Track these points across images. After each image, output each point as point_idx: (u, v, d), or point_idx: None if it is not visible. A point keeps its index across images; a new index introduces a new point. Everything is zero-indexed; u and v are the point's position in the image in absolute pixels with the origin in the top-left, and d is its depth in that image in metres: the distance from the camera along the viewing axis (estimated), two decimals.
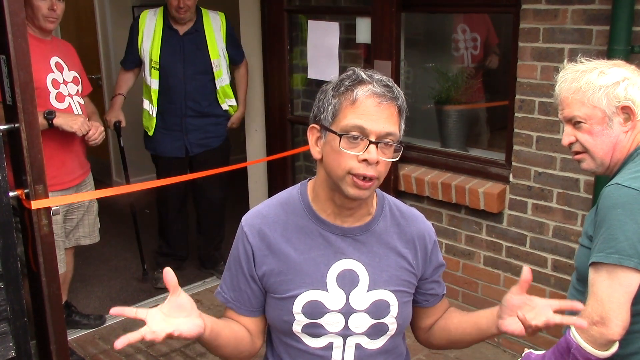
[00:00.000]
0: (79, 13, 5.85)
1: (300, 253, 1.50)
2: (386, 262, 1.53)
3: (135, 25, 3.67)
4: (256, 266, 1.51)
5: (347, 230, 1.51)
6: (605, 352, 1.52)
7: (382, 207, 1.56)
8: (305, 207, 1.53)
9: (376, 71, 1.45)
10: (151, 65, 3.61)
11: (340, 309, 1.49)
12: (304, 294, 1.48)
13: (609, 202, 1.54)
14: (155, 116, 3.68)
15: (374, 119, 1.38)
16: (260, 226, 1.52)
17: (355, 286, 1.50)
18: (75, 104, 3.07)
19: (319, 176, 1.51)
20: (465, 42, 3.85)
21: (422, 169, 3.45)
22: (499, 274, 3.26)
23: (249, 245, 1.50)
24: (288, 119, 4.01)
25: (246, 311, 1.54)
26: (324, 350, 1.52)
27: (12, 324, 2.07)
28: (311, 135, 1.49)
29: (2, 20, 2.13)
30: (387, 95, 1.39)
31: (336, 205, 1.49)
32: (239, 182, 4.81)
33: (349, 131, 1.38)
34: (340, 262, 1.50)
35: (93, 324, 3.52)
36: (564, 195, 2.93)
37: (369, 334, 1.53)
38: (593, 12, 2.69)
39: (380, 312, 1.51)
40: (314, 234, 1.51)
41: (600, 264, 1.52)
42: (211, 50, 3.68)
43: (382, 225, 1.55)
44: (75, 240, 3.30)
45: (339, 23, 3.64)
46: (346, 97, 1.41)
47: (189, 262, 4.22)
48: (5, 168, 2.00)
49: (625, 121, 1.64)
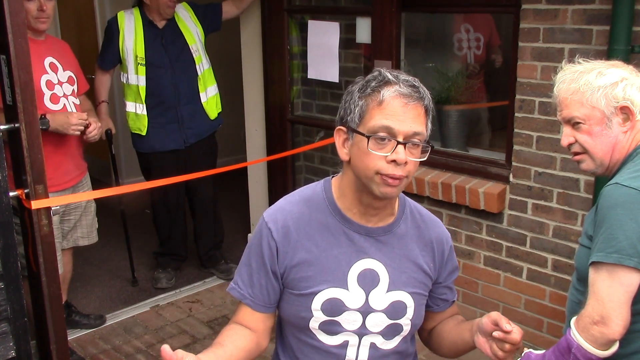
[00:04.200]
0: (79, 13, 5.85)
1: (322, 250, 1.50)
2: (406, 263, 1.54)
3: (114, 25, 3.66)
4: (279, 262, 1.51)
5: (371, 230, 1.52)
6: (605, 351, 1.52)
7: (403, 210, 1.58)
8: (329, 204, 1.53)
9: (402, 71, 1.46)
10: (137, 62, 3.61)
11: (359, 307, 1.50)
12: (324, 292, 1.49)
13: (609, 201, 1.54)
14: (146, 114, 3.67)
15: (401, 120, 1.38)
16: (285, 222, 1.51)
17: (375, 286, 1.51)
18: (70, 104, 3.06)
19: (346, 176, 1.51)
20: (469, 41, 3.85)
21: (422, 168, 3.45)
22: (499, 274, 3.26)
23: (274, 241, 1.50)
24: (288, 119, 4.01)
25: (263, 307, 1.54)
26: (338, 348, 1.53)
27: (12, 324, 2.07)
28: (338, 137, 1.49)
29: (2, 20, 2.13)
30: (413, 96, 1.40)
31: (363, 205, 1.50)
32: (239, 182, 4.82)
33: (377, 132, 1.39)
34: (362, 261, 1.51)
35: (93, 324, 3.52)
36: (564, 195, 2.93)
37: (384, 334, 1.54)
38: (593, 12, 2.69)
39: (398, 313, 1.53)
40: (338, 232, 1.51)
41: (601, 263, 1.52)
42: (187, 36, 3.71)
43: (404, 227, 1.56)
44: (74, 241, 3.30)
45: (339, 23, 3.64)
46: (373, 98, 1.41)
47: (189, 262, 4.22)
48: (5, 168, 2.00)
49: (624, 121, 1.64)
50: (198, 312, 3.71)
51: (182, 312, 3.72)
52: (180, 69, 3.68)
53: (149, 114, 3.67)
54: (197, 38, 3.75)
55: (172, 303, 3.83)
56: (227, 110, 5.45)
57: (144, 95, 3.64)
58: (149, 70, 3.62)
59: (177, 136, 3.73)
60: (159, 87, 3.65)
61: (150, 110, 3.67)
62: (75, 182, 3.14)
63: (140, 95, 3.64)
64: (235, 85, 4.59)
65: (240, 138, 4.45)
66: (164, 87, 3.65)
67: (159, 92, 3.65)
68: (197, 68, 3.73)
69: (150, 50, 3.63)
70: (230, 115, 5.43)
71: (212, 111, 3.83)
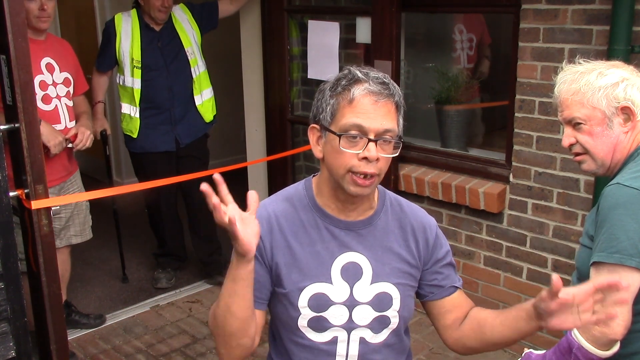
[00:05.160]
0: (79, 13, 5.85)
1: (305, 246, 1.52)
2: (388, 255, 1.55)
3: (111, 27, 3.66)
4: (267, 256, 1.52)
5: (351, 224, 1.54)
6: (606, 351, 1.52)
7: (383, 202, 1.59)
8: (310, 201, 1.56)
9: (372, 68, 1.47)
10: (133, 65, 3.61)
11: (345, 301, 1.51)
12: (309, 287, 1.50)
13: (610, 201, 1.54)
14: (139, 116, 3.67)
15: (371, 117, 1.40)
16: (269, 219, 1.53)
17: (359, 279, 1.52)
18: (62, 106, 3.06)
19: (322, 174, 1.55)
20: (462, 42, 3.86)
21: (422, 169, 3.45)
22: (499, 274, 3.26)
23: (260, 238, 1.50)
24: (288, 119, 4.01)
25: (258, 304, 1.53)
26: (328, 344, 1.54)
27: (12, 324, 2.07)
28: (312, 135, 1.52)
29: (2, 20, 2.13)
30: (383, 93, 1.41)
31: (340, 201, 1.52)
32: (239, 182, 4.81)
33: (348, 130, 1.41)
34: (345, 255, 1.52)
35: (93, 324, 3.52)
36: (564, 195, 2.93)
37: (372, 327, 1.54)
38: (593, 12, 2.69)
39: (384, 305, 1.53)
40: (319, 228, 1.53)
41: (602, 263, 1.52)
42: (183, 39, 3.71)
43: (384, 219, 1.57)
44: (67, 240, 3.28)
45: (339, 23, 3.64)
46: (343, 96, 1.43)
47: (189, 262, 4.22)
48: (5, 168, 2.00)
49: (625, 122, 1.64)
50: (198, 312, 3.71)
51: (182, 312, 3.72)
52: (175, 71, 3.68)
53: (142, 116, 3.67)
54: (193, 41, 3.75)
55: (172, 303, 3.82)
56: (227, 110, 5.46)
57: (139, 99, 3.64)
58: (145, 73, 3.62)
59: (169, 138, 3.73)
60: (154, 90, 3.65)
61: (144, 112, 3.67)
62: (62, 181, 3.12)
63: (134, 98, 3.64)
64: (235, 85, 4.59)
65: (240, 138, 4.45)
66: (159, 89, 3.65)
67: (153, 95, 3.66)
68: (192, 71, 3.73)
69: (146, 52, 3.63)
70: (230, 115, 5.44)
71: (207, 114, 3.83)
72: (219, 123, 4.05)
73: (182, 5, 3.82)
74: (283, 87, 3.97)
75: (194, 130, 3.80)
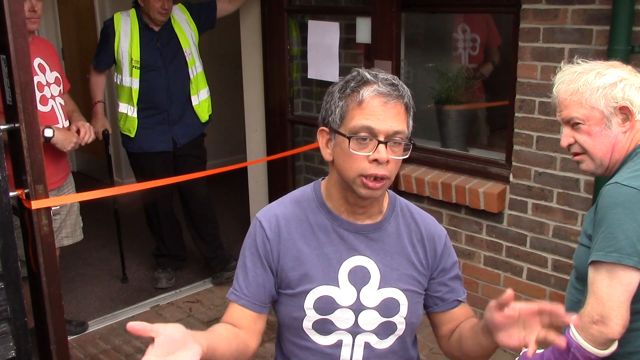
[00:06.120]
0: (79, 13, 5.85)
1: (313, 248, 1.51)
2: (397, 260, 1.54)
3: (110, 26, 3.66)
4: (273, 259, 1.52)
5: (360, 228, 1.53)
6: (605, 350, 1.52)
7: (393, 207, 1.58)
8: (319, 204, 1.55)
9: (381, 70, 1.46)
10: (132, 65, 3.62)
11: (351, 305, 1.50)
12: (315, 289, 1.49)
13: (609, 201, 1.54)
14: (136, 116, 3.67)
15: (381, 119, 1.39)
16: (277, 221, 1.53)
17: (366, 283, 1.51)
18: (57, 106, 3.06)
19: (332, 176, 1.53)
20: (464, 42, 3.86)
21: (422, 169, 3.45)
22: (499, 274, 3.26)
23: (267, 240, 1.51)
24: (288, 119, 4.01)
25: (258, 306, 1.53)
26: (333, 348, 1.53)
27: (12, 324, 2.07)
28: (321, 137, 1.50)
29: (2, 20, 2.13)
30: (392, 94, 1.40)
31: (349, 204, 1.51)
32: (239, 182, 4.81)
33: (358, 132, 1.40)
34: (353, 258, 1.52)
35: (74, 331, 3.45)
36: (564, 195, 2.93)
37: (378, 332, 1.53)
38: (593, 12, 2.69)
39: (390, 311, 1.52)
40: (328, 230, 1.52)
41: (600, 262, 1.52)
42: (182, 39, 3.71)
43: (394, 225, 1.56)
44: (59, 242, 3.24)
45: (339, 23, 3.64)
46: (352, 98, 1.42)
47: (189, 262, 4.22)
48: (5, 168, 2.00)
49: (623, 121, 1.64)
50: (198, 312, 3.71)
51: (182, 312, 3.72)
52: (173, 71, 3.68)
53: (139, 116, 3.68)
54: (191, 41, 3.76)
55: (172, 303, 3.83)
56: (227, 110, 5.47)
57: (137, 98, 3.65)
58: (143, 73, 3.63)
59: (166, 138, 3.74)
60: (152, 89, 3.66)
61: (141, 112, 3.68)
62: (60, 184, 3.12)
63: (132, 98, 3.65)
64: (235, 85, 4.59)
65: (240, 138, 4.45)
66: (157, 89, 3.66)
67: (151, 95, 3.66)
68: (190, 71, 3.73)
69: (145, 53, 3.63)
70: (230, 115, 5.45)
71: (203, 114, 3.84)
72: (219, 123, 4.05)
73: (180, 6, 3.83)
74: (283, 87, 3.97)
75: (190, 130, 3.81)
